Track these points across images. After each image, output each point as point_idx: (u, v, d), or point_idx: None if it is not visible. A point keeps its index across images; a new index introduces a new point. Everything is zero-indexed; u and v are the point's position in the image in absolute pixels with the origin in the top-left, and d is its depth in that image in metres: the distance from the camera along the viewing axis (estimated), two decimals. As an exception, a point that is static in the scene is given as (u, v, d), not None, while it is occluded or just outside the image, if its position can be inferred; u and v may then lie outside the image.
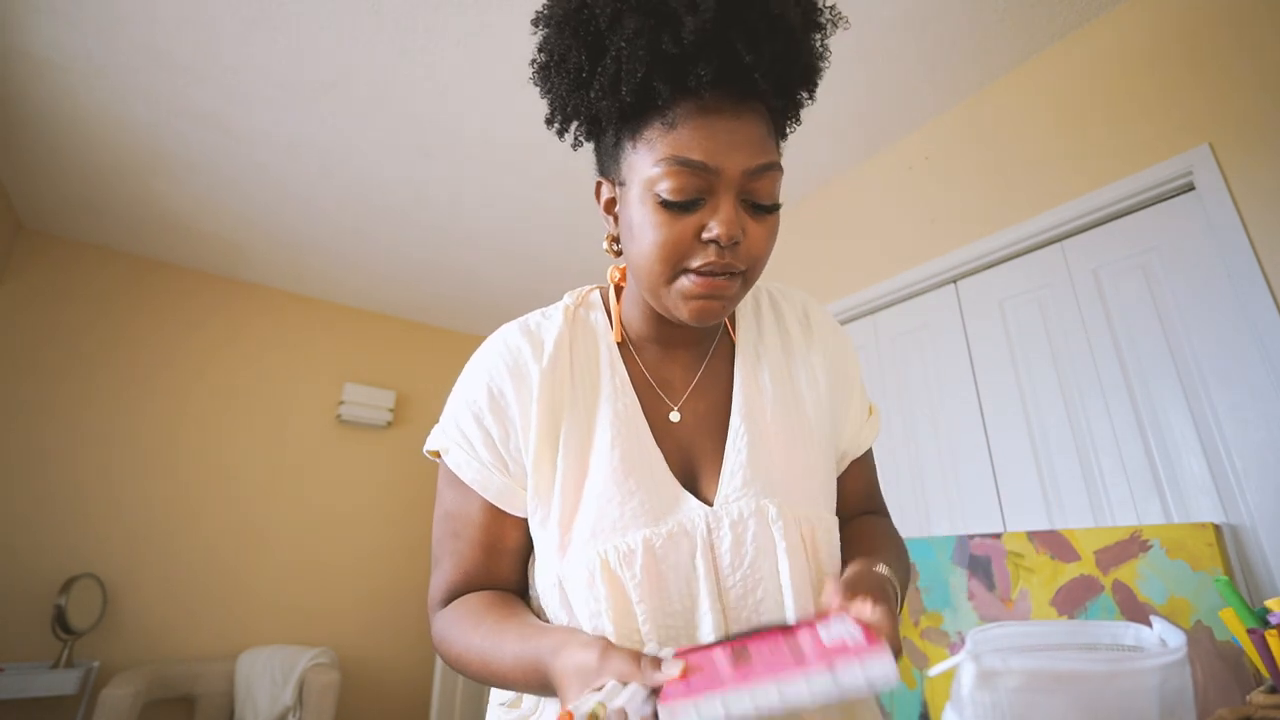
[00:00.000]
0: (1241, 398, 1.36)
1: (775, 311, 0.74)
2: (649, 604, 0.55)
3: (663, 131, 0.55)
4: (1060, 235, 1.73)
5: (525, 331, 0.66)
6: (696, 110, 0.54)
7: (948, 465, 1.86)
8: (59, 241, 2.82)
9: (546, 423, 0.62)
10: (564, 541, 0.59)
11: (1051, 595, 1.47)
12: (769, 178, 0.56)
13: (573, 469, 0.60)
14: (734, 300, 0.59)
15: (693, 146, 0.53)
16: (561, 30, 0.58)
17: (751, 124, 0.55)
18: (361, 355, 3.53)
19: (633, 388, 0.65)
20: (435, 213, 2.63)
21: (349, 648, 3.06)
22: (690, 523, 0.58)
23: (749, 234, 0.56)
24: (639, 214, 0.56)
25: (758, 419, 0.64)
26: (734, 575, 0.57)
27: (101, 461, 2.72)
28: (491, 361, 0.65)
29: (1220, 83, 1.48)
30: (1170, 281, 1.52)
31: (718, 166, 0.53)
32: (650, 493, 0.59)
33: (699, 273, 0.56)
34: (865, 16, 1.70)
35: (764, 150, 0.56)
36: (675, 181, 0.53)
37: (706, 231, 0.54)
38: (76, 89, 1.97)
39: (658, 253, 0.56)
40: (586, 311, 0.70)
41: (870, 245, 2.23)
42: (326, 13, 1.70)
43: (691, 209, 0.55)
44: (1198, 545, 1.30)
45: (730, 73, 0.53)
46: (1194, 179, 1.49)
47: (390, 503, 3.40)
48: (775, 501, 0.59)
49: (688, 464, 0.63)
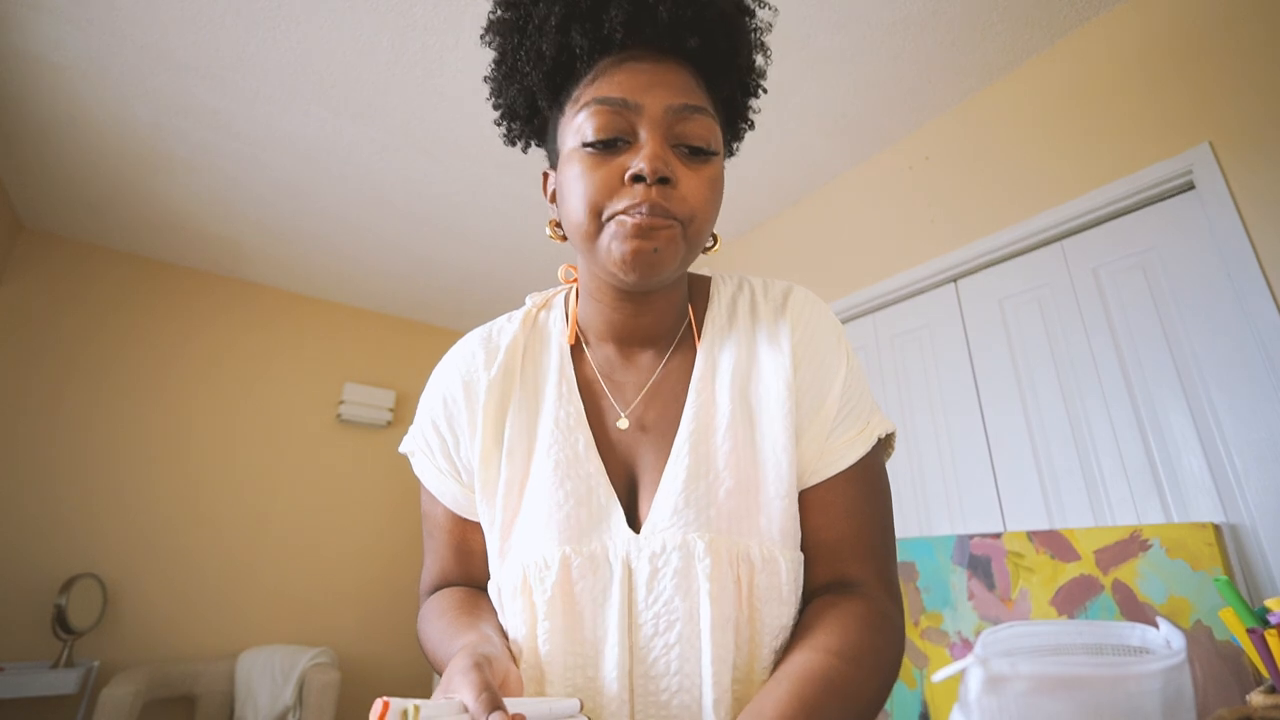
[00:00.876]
0: (1241, 397, 1.36)
1: (752, 307, 0.65)
2: (553, 623, 0.52)
3: (585, 87, 0.55)
4: (1060, 234, 1.73)
5: (485, 339, 0.67)
6: (616, 61, 0.55)
7: (947, 465, 1.87)
8: (59, 241, 2.82)
9: (491, 431, 0.61)
10: (503, 549, 0.58)
11: (1051, 595, 1.48)
12: (698, 121, 0.54)
13: (515, 476, 0.59)
14: (672, 248, 0.53)
15: (611, 87, 0.54)
16: (500, 29, 0.60)
17: (673, 70, 0.55)
18: (361, 355, 3.53)
19: (579, 393, 0.62)
20: (435, 212, 2.63)
21: (349, 647, 3.07)
22: (613, 548, 0.54)
23: (682, 180, 0.53)
24: (567, 174, 0.55)
25: (706, 439, 0.57)
26: (647, 612, 0.52)
27: (102, 461, 2.72)
28: (448, 371, 0.66)
29: (1220, 81, 1.48)
30: (1170, 281, 1.52)
31: (638, 102, 0.53)
32: (580, 505, 0.55)
33: (626, 213, 0.52)
34: (866, 17, 1.70)
35: (689, 92, 0.54)
36: (596, 121, 0.53)
37: (631, 168, 0.52)
38: (77, 89, 1.97)
39: (584, 199, 0.53)
40: (546, 314, 0.68)
41: (870, 245, 2.23)
42: (327, 13, 1.70)
43: (615, 150, 0.53)
44: (1197, 545, 1.30)
45: (640, 18, 0.54)
46: (1194, 178, 1.49)
47: (390, 502, 3.40)
48: (707, 537, 0.52)
49: (631, 477, 0.59)
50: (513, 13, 0.59)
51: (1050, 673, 0.31)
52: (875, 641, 0.51)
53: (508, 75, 0.60)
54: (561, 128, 0.58)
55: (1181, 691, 0.37)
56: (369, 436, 3.44)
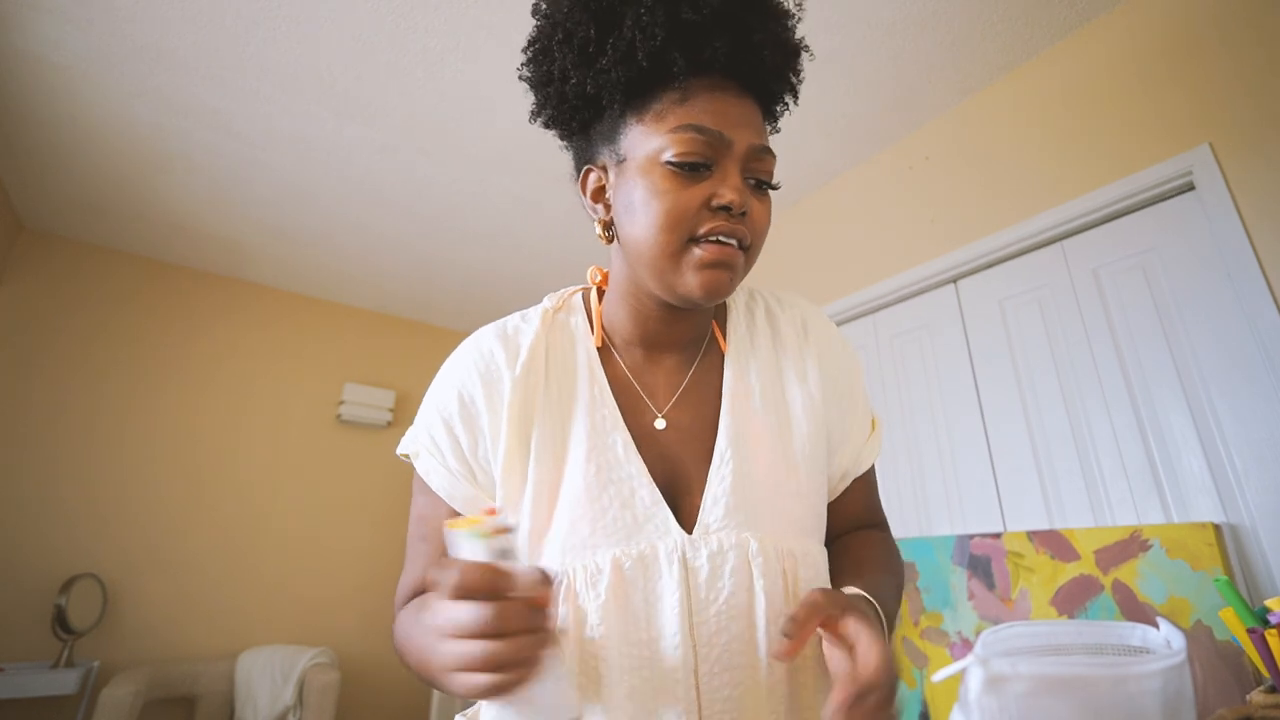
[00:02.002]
0: (1241, 397, 1.36)
1: (770, 320, 0.70)
2: (609, 626, 0.53)
3: (674, 103, 0.56)
4: (1060, 235, 1.73)
5: (501, 336, 0.65)
6: (708, 86, 0.56)
7: (948, 465, 1.87)
8: (59, 241, 2.82)
9: (517, 432, 0.60)
10: (534, 554, 0.57)
11: (1051, 595, 1.48)
12: (768, 160, 0.58)
13: (545, 480, 0.58)
14: (739, 275, 0.58)
15: (706, 116, 0.55)
16: (571, 9, 0.58)
17: (753, 108, 0.59)
18: (361, 355, 3.53)
19: (613, 395, 0.62)
20: (436, 212, 2.63)
21: (349, 647, 3.06)
22: (665, 548, 0.55)
23: (752, 209, 0.57)
24: (643, 186, 0.56)
25: (745, 440, 0.61)
26: (708, 609, 0.54)
27: (102, 461, 2.72)
28: (464, 367, 0.64)
29: (1220, 82, 1.48)
30: (1170, 281, 1.52)
31: (730, 138, 0.55)
32: (625, 508, 0.56)
33: (709, 240, 0.55)
34: (865, 17, 1.70)
35: (763, 133, 0.60)
36: (687, 147, 0.55)
37: (717, 198, 0.55)
38: (77, 89, 1.97)
39: (666, 220, 0.55)
40: (566, 315, 0.68)
41: (870, 245, 2.23)
42: (327, 12, 1.70)
43: (699, 177, 0.55)
44: (1197, 545, 1.30)
45: (743, 52, 0.56)
46: (1194, 179, 1.49)
47: (390, 502, 3.40)
48: (758, 534, 0.56)
49: (671, 476, 0.60)
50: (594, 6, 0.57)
51: (1050, 673, 0.31)
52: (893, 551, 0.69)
53: (574, 63, 0.58)
54: (633, 136, 0.58)
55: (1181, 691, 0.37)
56: (369, 437, 3.44)
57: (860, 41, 1.78)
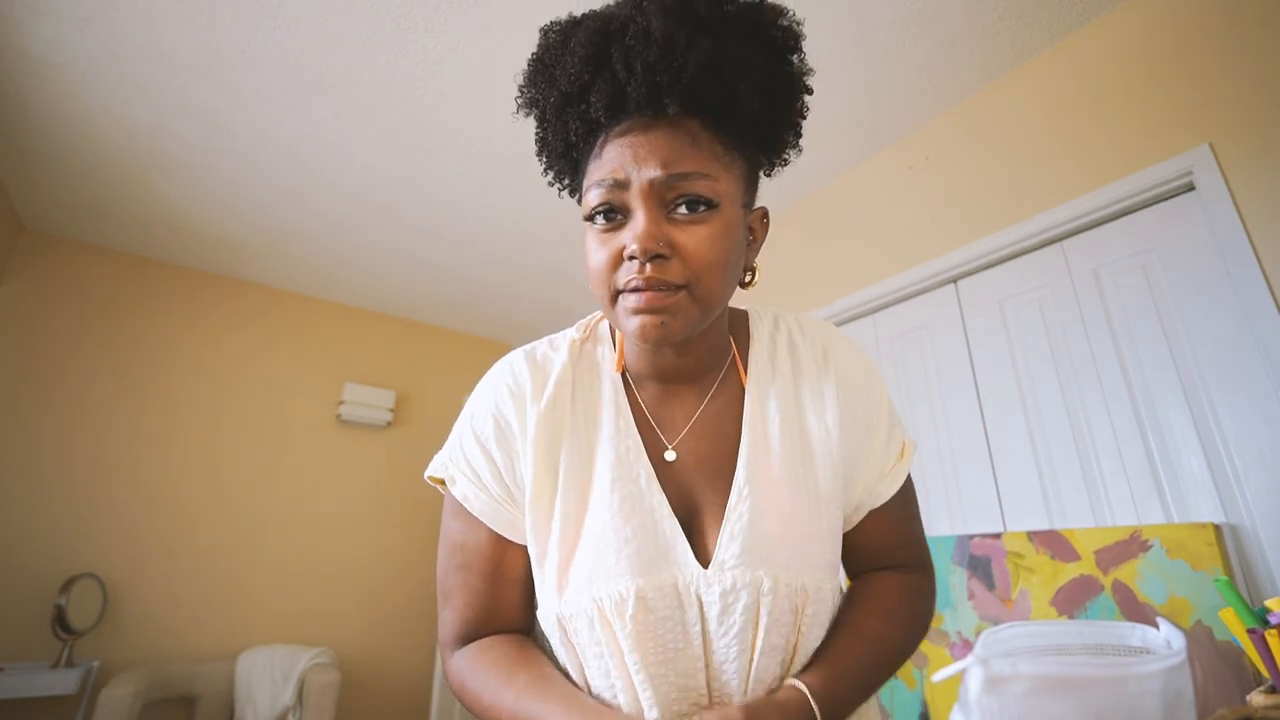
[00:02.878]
0: (1241, 397, 1.36)
1: (792, 349, 0.69)
2: (640, 654, 0.55)
3: (592, 162, 0.58)
4: (1060, 235, 1.73)
5: (531, 362, 0.66)
6: (617, 133, 0.57)
7: (948, 465, 1.87)
8: (59, 241, 2.82)
9: (544, 460, 0.61)
10: (561, 583, 0.58)
11: (1051, 595, 1.48)
12: (692, 183, 0.54)
13: (571, 510, 0.59)
14: (680, 316, 0.55)
15: (608, 166, 0.56)
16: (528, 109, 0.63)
17: (664, 136, 0.55)
18: (361, 355, 3.53)
19: (636, 427, 0.64)
20: (435, 212, 2.63)
21: (349, 647, 3.06)
22: (683, 581, 0.57)
23: (680, 245, 0.54)
24: (585, 244, 0.59)
25: (763, 475, 0.61)
26: (718, 641, 0.57)
27: (101, 461, 2.72)
28: (498, 390, 0.65)
29: (1220, 82, 1.48)
30: (1170, 281, 1.52)
31: (625, 178, 0.55)
32: (647, 539, 0.58)
33: (628, 292, 0.55)
34: (864, 17, 1.70)
35: (679, 159, 0.54)
36: (592, 203, 0.56)
37: (626, 249, 0.55)
38: (76, 88, 1.97)
39: (594, 276, 0.57)
40: (593, 345, 0.69)
41: (870, 245, 2.23)
42: (326, 12, 1.70)
43: (617, 225, 0.56)
44: (1197, 545, 1.30)
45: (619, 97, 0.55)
46: (1194, 179, 1.49)
47: (390, 502, 3.40)
48: (771, 572, 0.57)
49: (688, 507, 0.61)
50: (530, 89, 0.61)
51: (1050, 673, 0.31)
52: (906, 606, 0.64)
53: (540, 145, 0.64)
54: (581, 196, 0.61)
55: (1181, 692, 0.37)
56: (369, 437, 3.44)
57: (859, 41, 1.78)
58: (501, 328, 3.88)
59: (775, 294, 2.41)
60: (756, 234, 0.65)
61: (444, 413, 3.67)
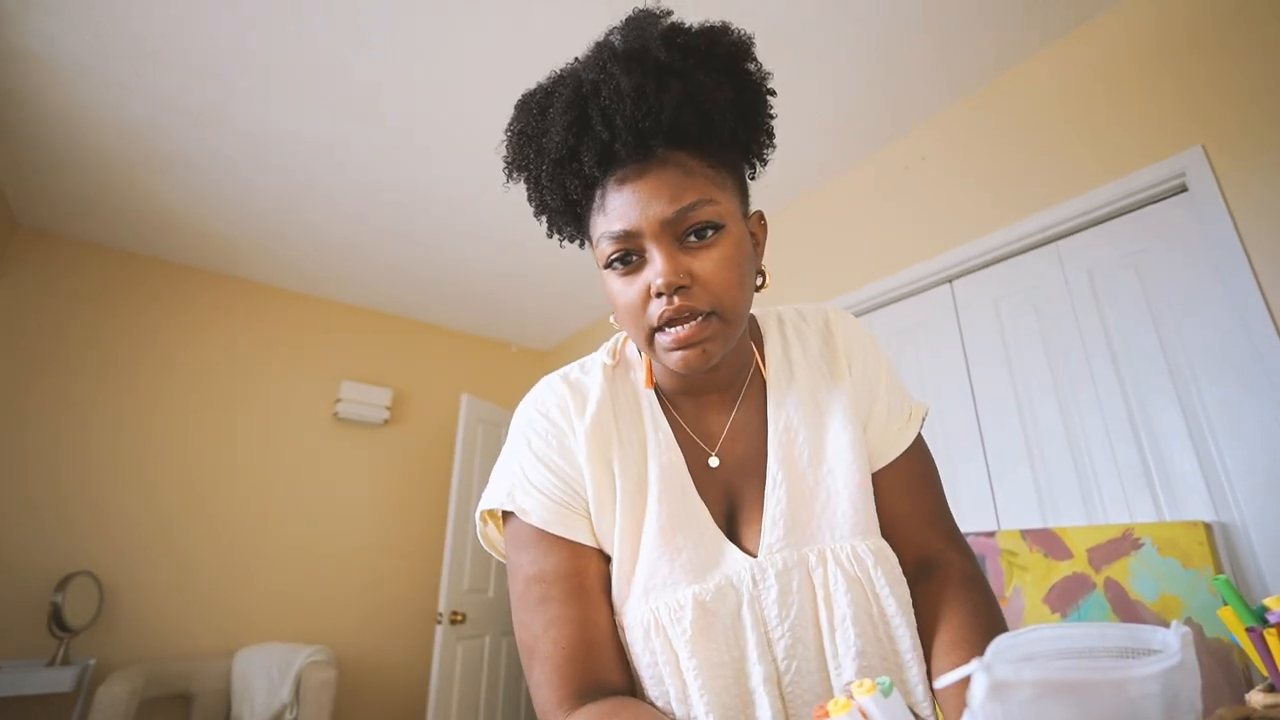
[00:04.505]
0: (1232, 396, 1.38)
1: (800, 339, 0.73)
2: (699, 659, 0.56)
3: (597, 216, 0.60)
4: (1055, 235, 1.74)
5: (568, 383, 0.68)
6: (615, 183, 0.58)
7: (942, 463, 1.86)
8: (54, 238, 2.81)
9: (600, 472, 0.63)
10: (620, 595, 0.60)
11: (1044, 593, 1.49)
12: (698, 212, 0.57)
13: (629, 525, 0.61)
14: (717, 340, 0.58)
15: (610, 220, 0.58)
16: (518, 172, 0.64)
17: (660, 175, 0.57)
18: (358, 353, 3.53)
19: (675, 440, 0.66)
20: (433, 210, 2.63)
21: (346, 645, 3.07)
22: (736, 575, 0.59)
23: (697, 273, 0.57)
24: (608, 288, 0.61)
25: (793, 461, 0.65)
26: (781, 626, 0.58)
27: (97, 459, 2.71)
28: (547, 407, 0.66)
29: (1213, 85, 1.49)
30: (1163, 281, 1.53)
31: (636, 228, 0.57)
32: (696, 548, 0.60)
33: (661, 328, 0.58)
34: (862, 17, 1.71)
35: (680, 193, 0.57)
36: (608, 252, 0.59)
37: (652, 286, 0.57)
38: (72, 86, 1.96)
39: (626, 316, 0.60)
40: (625, 370, 0.71)
41: (866, 245, 2.24)
42: (324, 11, 1.70)
43: (637, 268, 0.58)
44: (1189, 543, 1.31)
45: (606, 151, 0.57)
46: (1186, 180, 1.50)
47: (387, 500, 3.40)
48: (815, 547, 0.60)
49: (729, 510, 0.64)
50: (516, 166, 0.63)
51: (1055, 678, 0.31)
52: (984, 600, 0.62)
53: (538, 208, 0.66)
54: (592, 247, 0.63)
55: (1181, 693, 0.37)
56: (366, 434, 3.44)
57: (855, 42, 1.79)
58: (499, 326, 3.88)
59: (772, 294, 2.41)
60: (759, 238, 0.67)
61: (441, 412, 3.67)
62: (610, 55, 0.57)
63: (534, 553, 0.61)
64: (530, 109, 0.62)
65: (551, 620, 0.58)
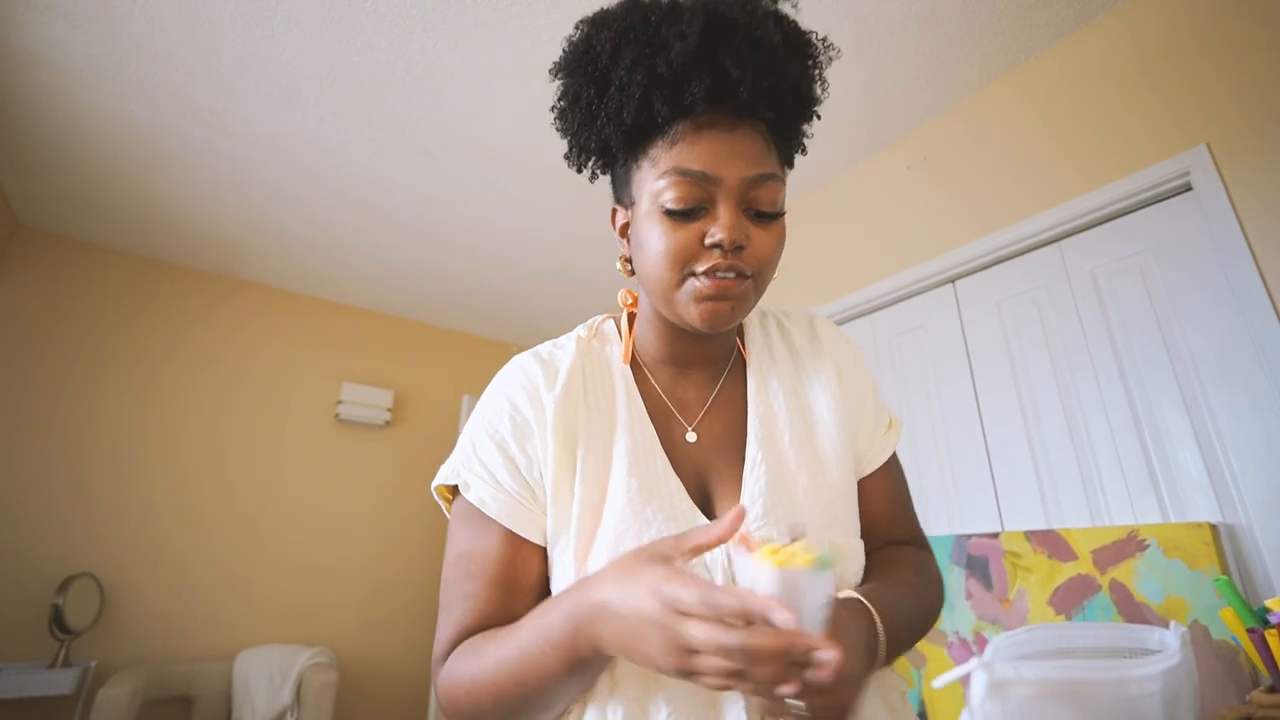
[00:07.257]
0: (1238, 397, 1.37)
1: (783, 333, 0.75)
2: None
3: (665, 148, 0.59)
4: (1058, 235, 1.74)
5: (539, 360, 0.67)
6: (694, 126, 0.58)
7: (945, 465, 1.87)
8: (55, 240, 2.81)
9: (563, 450, 0.61)
10: (579, 572, 0.58)
11: (1049, 595, 1.48)
12: (768, 187, 0.59)
13: (590, 498, 0.60)
14: (744, 303, 0.60)
15: (692, 158, 0.57)
16: (573, 73, 0.63)
17: (747, 137, 0.59)
18: (360, 354, 3.52)
19: (648, 414, 0.65)
20: (434, 212, 2.63)
21: (347, 647, 3.06)
22: (709, 555, 0.57)
23: (753, 239, 0.59)
24: (647, 226, 0.60)
25: (774, 443, 0.65)
26: None
27: (98, 460, 2.71)
28: (510, 388, 0.65)
29: (1217, 84, 1.49)
30: (1167, 281, 1.52)
31: (717, 175, 0.57)
32: (668, 521, 0.58)
33: (706, 275, 0.58)
34: (863, 17, 1.70)
35: (761, 161, 0.59)
36: (678, 191, 0.57)
37: (710, 236, 0.57)
38: (74, 87, 1.96)
39: (666, 259, 0.58)
40: (600, 342, 0.71)
41: (868, 245, 2.23)
42: (325, 12, 1.70)
43: (694, 216, 0.58)
44: (1194, 545, 1.30)
45: (721, 91, 0.57)
46: (1191, 179, 1.50)
47: (388, 502, 3.39)
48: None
49: (704, 486, 0.63)
50: (589, 63, 0.61)
51: (1053, 677, 0.31)
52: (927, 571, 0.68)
53: (583, 121, 0.63)
54: (638, 181, 0.62)
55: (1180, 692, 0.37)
56: (367, 436, 3.44)
57: (858, 41, 1.78)
58: (500, 327, 3.88)
59: (774, 293, 2.40)
60: None
61: (442, 412, 3.67)
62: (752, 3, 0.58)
63: (471, 529, 0.61)
64: (648, 12, 0.60)
65: (470, 594, 0.59)
